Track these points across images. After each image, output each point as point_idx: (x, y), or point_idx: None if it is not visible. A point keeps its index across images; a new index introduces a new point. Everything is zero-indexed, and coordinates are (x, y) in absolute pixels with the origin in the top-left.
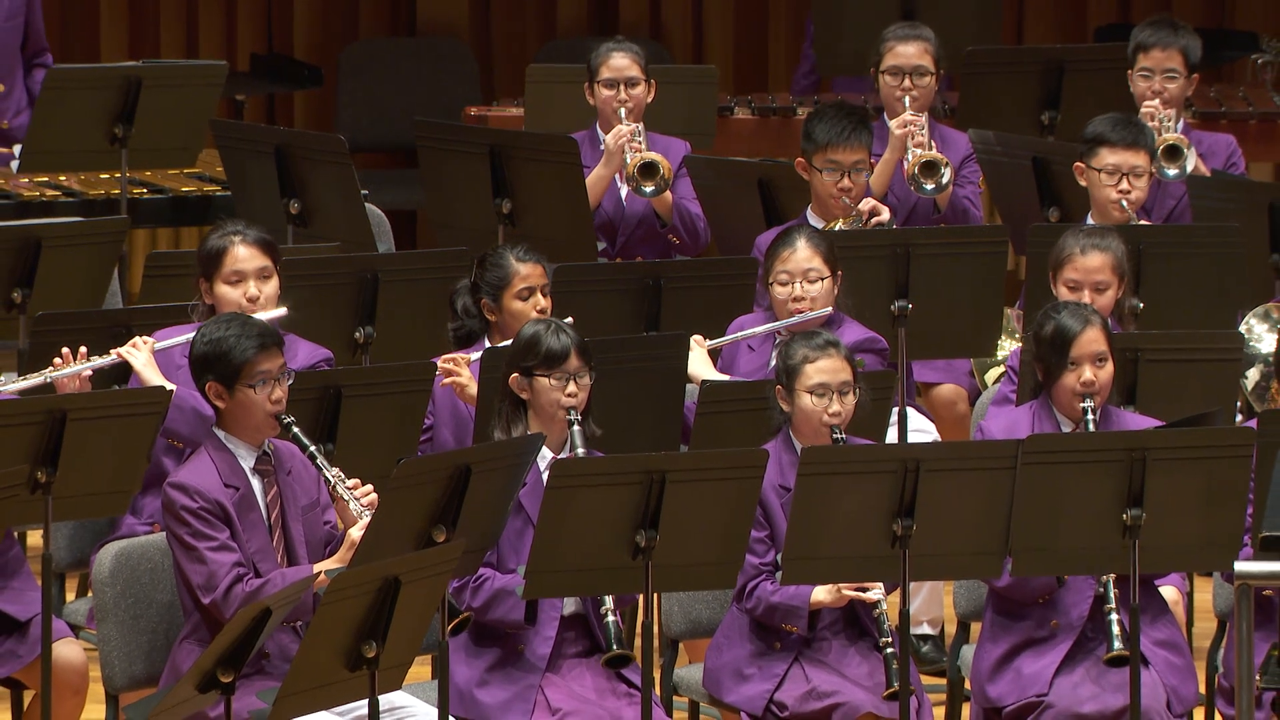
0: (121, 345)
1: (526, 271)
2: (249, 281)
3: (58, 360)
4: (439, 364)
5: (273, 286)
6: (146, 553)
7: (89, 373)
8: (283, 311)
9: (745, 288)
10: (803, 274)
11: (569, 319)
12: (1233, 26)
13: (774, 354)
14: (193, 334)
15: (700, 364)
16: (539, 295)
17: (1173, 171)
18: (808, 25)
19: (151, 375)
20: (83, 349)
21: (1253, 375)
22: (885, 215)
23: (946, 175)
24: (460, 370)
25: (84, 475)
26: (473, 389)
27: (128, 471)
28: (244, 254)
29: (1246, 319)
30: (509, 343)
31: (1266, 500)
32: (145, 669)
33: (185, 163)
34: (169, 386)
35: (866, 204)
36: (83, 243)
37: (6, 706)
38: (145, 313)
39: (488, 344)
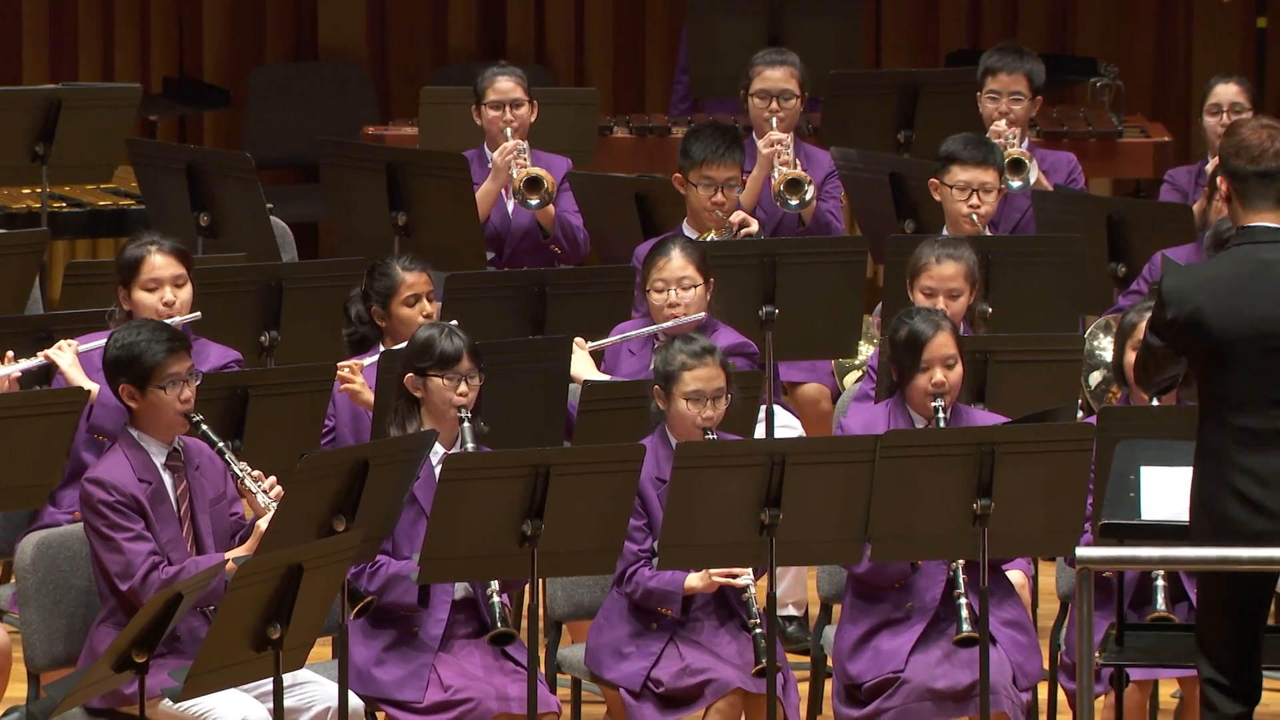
0: (44, 349)
1: (412, 280)
2: (165, 288)
3: None
4: (338, 372)
5: (187, 293)
6: (66, 542)
7: (18, 374)
8: (196, 315)
9: (624, 294)
10: (677, 281)
11: (454, 321)
12: (1073, 52)
13: (654, 356)
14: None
15: (583, 365)
16: (425, 301)
17: (1017, 183)
18: (680, 55)
19: (76, 375)
20: (9, 353)
21: (1095, 378)
22: (754, 227)
23: (810, 192)
24: (354, 378)
25: (7, 470)
26: (366, 395)
27: (48, 466)
28: (160, 262)
29: (1092, 331)
30: (404, 345)
31: (1105, 491)
32: (65, 650)
33: (102, 179)
34: (92, 385)
35: (736, 216)
36: (5, 253)
37: None
38: (65, 318)
39: (382, 348)
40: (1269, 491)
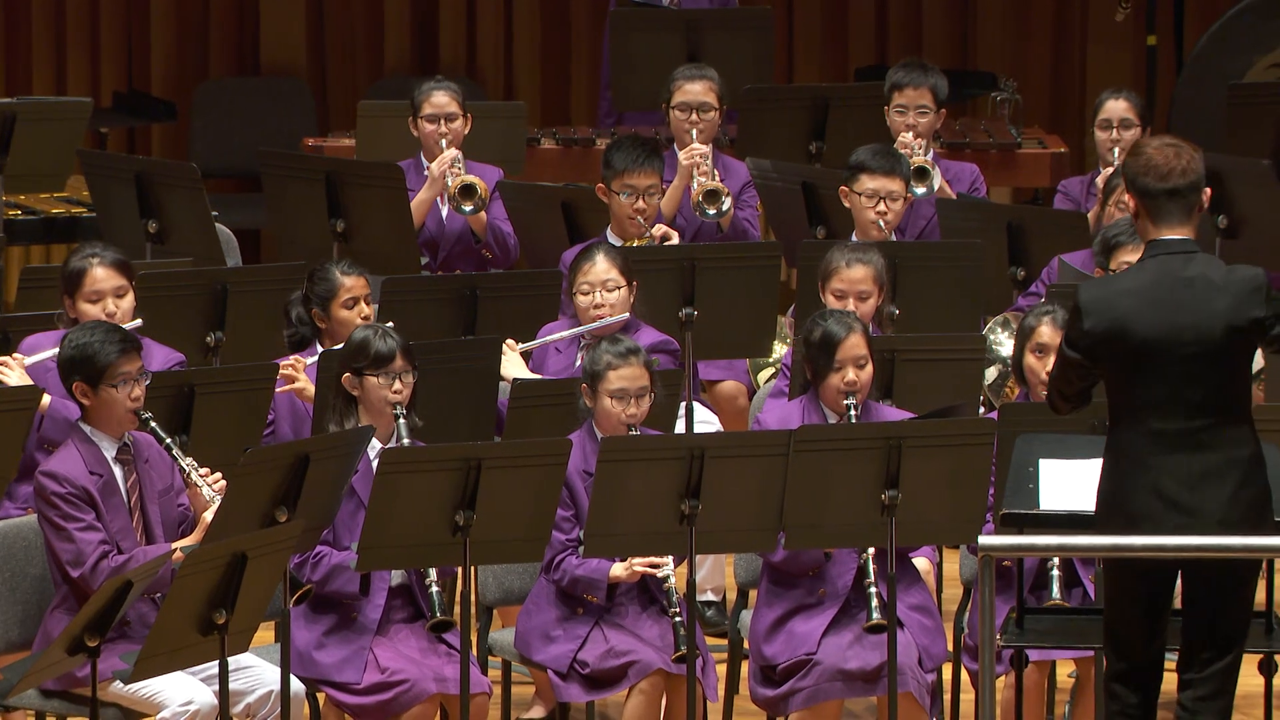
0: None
1: (351, 283)
2: (107, 299)
3: None
4: (280, 369)
5: (128, 302)
6: (21, 533)
7: None
8: (138, 323)
9: (551, 297)
10: (601, 284)
11: (389, 324)
12: (975, 68)
13: (580, 355)
14: (58, 347)
15: (513, 365)
16: (362, 304)
17: (921, 190)
18: (603, 72)
19: None
20: None
21: (991, 373)
22: (675, 239)
23: (727, 203)
24: (298, 375)
25: None
26: (309, 390)
27: (4, 462)
28: (101, 275)
29: (991, 326)
30: (341, 346)
31: (1006, 482)
32: (20, 635)
33: (55, 188)
34: (44, 399)
35: (659, 230)
36: None
37: None
38: (20, 320)
39: (319, 348)
40: (1184, 489)
